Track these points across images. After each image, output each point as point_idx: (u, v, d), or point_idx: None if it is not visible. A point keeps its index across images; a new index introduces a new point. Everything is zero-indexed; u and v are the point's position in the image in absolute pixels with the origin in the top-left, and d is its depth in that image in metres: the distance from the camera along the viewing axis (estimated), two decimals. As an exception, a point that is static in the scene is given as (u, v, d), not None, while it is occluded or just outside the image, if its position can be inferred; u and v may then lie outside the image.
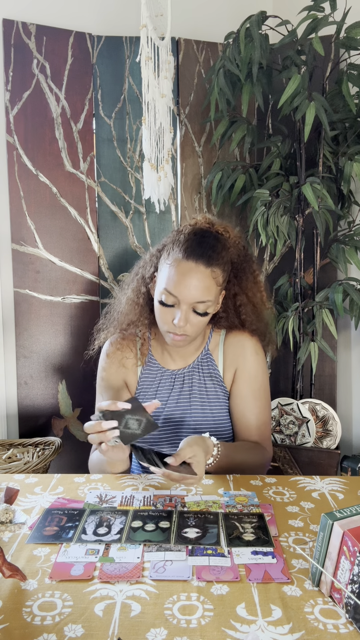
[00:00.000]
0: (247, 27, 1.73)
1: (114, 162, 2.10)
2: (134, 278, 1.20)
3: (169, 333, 1.08)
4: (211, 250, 1.05)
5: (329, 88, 1.88)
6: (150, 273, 1.15)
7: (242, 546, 0.77)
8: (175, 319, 1.05)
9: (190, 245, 1.05)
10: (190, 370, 1.19)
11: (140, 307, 1.17)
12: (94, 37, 2.04)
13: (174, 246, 1.08)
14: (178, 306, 1.05)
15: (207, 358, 1.20)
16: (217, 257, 1.06)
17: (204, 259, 1.04)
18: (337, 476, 1.04)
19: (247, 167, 2.01)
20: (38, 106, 2.00)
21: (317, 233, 1.89)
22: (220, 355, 1.20)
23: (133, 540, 0.79)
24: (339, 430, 1.79)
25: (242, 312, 1.19)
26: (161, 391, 1.19)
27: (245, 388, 1.17)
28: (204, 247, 1.05)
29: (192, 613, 0.63)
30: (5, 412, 2.08)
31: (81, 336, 2.11)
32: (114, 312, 1.23)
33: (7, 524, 0.76)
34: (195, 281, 1.03)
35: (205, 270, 1.03)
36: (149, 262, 1.17)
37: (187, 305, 1.04)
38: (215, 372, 1.19)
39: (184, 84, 2.11)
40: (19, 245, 2.02)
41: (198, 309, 1.05)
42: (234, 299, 1.19)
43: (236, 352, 1.18)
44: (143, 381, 1.20)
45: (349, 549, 0.62)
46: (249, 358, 1.18)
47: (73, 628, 0.61)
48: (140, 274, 1.18)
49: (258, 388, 1.18)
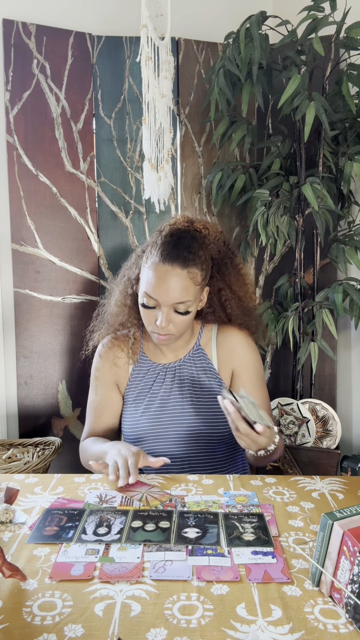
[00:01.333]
0: (247, 27, 1.73)
1: (114, 162, 2.10)
2: (121, 280, 1.24)
3: (153, 333, 1.13)
4: (187, 252, 1.08)
5: (329, 88, 1.88)
6: (135, 275, 1.19)
7: (242, 546, 0.77)
8: (158, 320, 1.08)
9: (166, 248, 1.08)
10: (180, 364, 1.22)
11: (128, 308, 1.21)
12: (94, 37, 2.04)
13: (152, 249, 1.11)
14: (159, 308, 1.09)
15: (200, 353, 1.23)
16: (193, 258, 1.08)
17: (180, 260, 1.07)
18: (337, 476, 1.04)
19: (247, 167, 2.01)
20: (38, 106, 2.00)
21: (317, 233, 1.89)
22: (213, 351, 1.23)
23: (133, 540, 0.79)
24: (339, 430, 1.79)
25: (228, 307, 1.22)
26: (152, 385, 1.22)
27: (247, 383, 1.20)
28: (179, 249, 1.08)
29: (192, 613, 0.63)
30: (5, 412, 2.08)
31: (81, 336, 2.10)
32: (105, 314, 1.27)
33: (7, 524, 0.76)
34: (173, 284, 1.06)
35: (181, 272, 1.06)
36: (134, 264, 1.21)
37: (167, 307, 1.08)
38: (209, 366, 1.22)
39: (184, 84, 2.11)
40: (19, 245, 2.02)
41: (179, 309, 1.08)
42: (218, 294, 1.22)
43: (231, 349, 1.22)
44: (134, 377, 1.24)
45: (349, 549, 0.62)
46: (243, 352, 1.21)
47: (73, 628, 0.61)
48: (126, 276, 1.22)
49: (257, 379, 1.22)
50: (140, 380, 1.23)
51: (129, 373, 1.24)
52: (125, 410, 1.24)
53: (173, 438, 1.18)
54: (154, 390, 1.21)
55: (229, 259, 1.20)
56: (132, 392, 1.23)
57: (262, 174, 1.95)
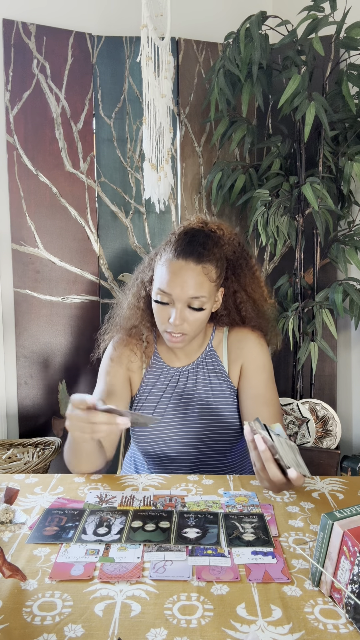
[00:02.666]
0: (247, 27, 1.73)
1: (114, 162, 2.10)
2: (134, 283, 1.22)
3: (166, 333, 1.09)
4: (201, 247, 1.07)
5: (329, 88, 1.88)
6: (149, 277, 1.17)
7: (242, 546, 0.77)
8: (171, 318, 1.06)
9: (180, 244, 1.07)
10: (194, 367, 1.20)
11: (141, 311, 1.18)
12: (94, 37, 2.04)
13: (165, 247, 1.10)
14: (173, 305, 1.06)
15: (212, 354, 1.21)
16: (207, 254, 1.07)
17: (194, 256, 1.05)
18: (337, 476, 1.04)
19: (247, 167, 2.01)
20: (38, 106, 2.00)
21: (317, 233, 1.89)
22: (224, 351, 1.21)
23: (133, 540, 0.79)
24: (339, 430, 1.79)
25: (243, 309, 1.20)
26: (165, 388, 1.19)
27: (254, 379, 1.17)
28: (193, 245, 1.07)
29: (192, 613, 0.63)
30: (5, 412, 2.08)
31: (81, 336, 2.11)
32: (117, 317, 1.24)
33: (7, 524, 0.76)
34: (187, 278, 1.04)
35: (195, 267, 1.05)
36: (147, 266, 1.19)
37: (181, 303, 1.05)
38: (220, 368, 1.20)
39: (184, 84, 2.11)
40: (19, 245, 2.02)
41: (193, 304, 1.06)
42: (233, 296, 1.20)
43: (240, 347, 1.19)
44: (147, 380, 1.21)
45: (349, 549, 0.62)
46: (254, 350, 1.19)
47: (73, 628, 0.60)
48: (139, 279, 1.20)
49: (267, 378, 1.18)
50: (153, 383, 1.20)
51: (142, 376, 1.21)
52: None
53: (184, 442, 1.17)
54: (166, 394, 1.19)
55: (244, 260, 1.19)
56: (144, 395, 1.20)
57: (262, 174, 1.95)
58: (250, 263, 1.20)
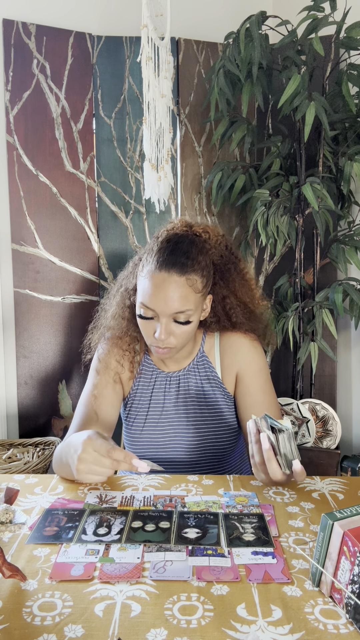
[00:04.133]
0: (247, 27, 1.73)
1: (114, 162, 2.10)
2: (117, 291, 1.16)
3: (152, 346, 1.05)
4: (184, 257, 1.00)
5: (329, 88, 1.88)
6: (132, 285, 1.12)
7: (242, 546, 0.77)
8: (156, 333, 1.01)
9: (163, 254, 1.00)
10: (185, 373, 1.17)
11: (127, 321, 1.14)
12: (94, 37, 2.04)
13: (147, 256, 1.04)
14: (157, 319, 1.01)
15: (203, 360, 1.17)
16: (191, 264, 1.00)
17: (177, 267, 0.99)
18: (337, 476, 1.04)
19: (247, 167, 2.01)
20: (38, 106, 2.00)
21: (317, 233, 1.89)
22: (217, 356, 1.17)
23: (133, 541, 0.79)
24: (339, 430, 1.79)
25: (233, 315, 1.14)
26: (156, 394, 1.17)
27: (252, 385, 1.14)
28: (176, 255, 1.00)
29: (192, 613, 0.63)
30: (5, 412, 2.08)
31: (81, 336, 2.10)
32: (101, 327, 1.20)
33: (7, 524, 0.76)
34: (171, 292, 0.98)
35: (179, 279, 0.99)
36: (131, 273, 1.14)
37: (166, 318, 1.00)
38: (212, 375, 1.16)
39: (184, 84, 2.11)
40: (19, 245, 2.02)
41: (179, 318, 1.00)
42: (222, 302, 1.14)
43: (234, 353, 1.15)
44: (139, 385, 1.18)
45: (349, 549, 0.62)
46: (249, 355, 1.15)
47: (73, 628, 0.60)
48: (123, 287, 1.15)
49: (264, 382, 1.15)
50: (145, 388, 1.18)
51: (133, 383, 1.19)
52: (127, 418, 1.19)
53: (177, 449, 1.15)
54: (157, 400, 1.16)
55: (232, 264, 1.13)
56: (136, 400, 1.18)
57: (262, 174, 1.95)
58: (239, 266, 1.15)
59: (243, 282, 1.15)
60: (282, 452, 0.81)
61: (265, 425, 0.83)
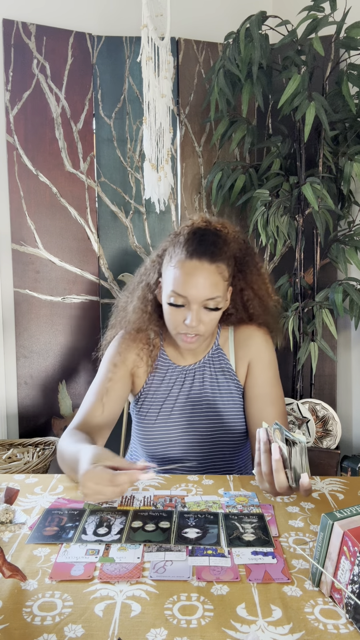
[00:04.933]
0: (247, 27, 1.73)
1: (114, 162, 2.10)
2: (138, 286, 1.19)
3: (180, 335, 1.08)
4: (213, 247, 1.05)
5: (329, 88, 1.88)
6: (154, 279, 1.15)
7: (242, 546, 0.77)
8: (187, 320, 1.04)
9: (192, 244, 1.05)
10: (201, 365, 1.19)
11: (148, 314, 1.16)
12: (94, 37, 2.04)
13: (175, 248, 1.07)
14: (188, 306, 1.04)
15: (218, 353, 1.20)
16: (219, 253, 1.05)
17: (207, 255, 1.04)
18: (337, 476, 1.04)
19: (247, 167, 2.01)
20: (38, 106, 2.00)
21: (317, 233, 1.89)
22: (231, 349, 1.20)
23: (133, 541, 0.79)
24: (339, 430, 1.79)
25: (250, 307, 1.19)
26: (171, 388, 1.18)
27: (260, 377, 1.17)
28: (205, 245, 1.05)
29: (192, 613, 0.63)
30: (5, 412, 2.08)
31: (81, 336, 2.11)
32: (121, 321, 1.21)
33: (7, 524, 0.76)
34: (202, 279, 1.03)
35: (210, 266, 1.03)
36: (151, 269, 1.17)
37: (197, 305, 1.04)
38: (227, 367, 1.19)
39: (184, 84, 2.11)
40: (19, 245, 2.02)
41: (209, 305, 1.05)
42: (240, 294, 1.19)
43: (248, 345, 1.19)
44: (153, 380, 1.19)
45: (349, 549, 0.62)
46: (261, 347, 1.18)
47: (73, 628, 0.60)
48: (144, 282, 1.18)
49: (272, 376, 1.18)
50: (159, 383, 1.19)
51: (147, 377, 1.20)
52: (139, 412, 1.19)
53: (188, 444, 1.16)
54: (172, 394, 1.17)
55: (249, 257, 1.18)
56: (150, 394, 1.19)
57: (262, 174, 1.95)
58: (255, 260, 1.19)
59: (259, 276, 1.20)
60: (292, 466, 0.80)
61: (279, 436, 0.82)
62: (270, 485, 0.83)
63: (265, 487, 0.85)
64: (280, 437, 0.82)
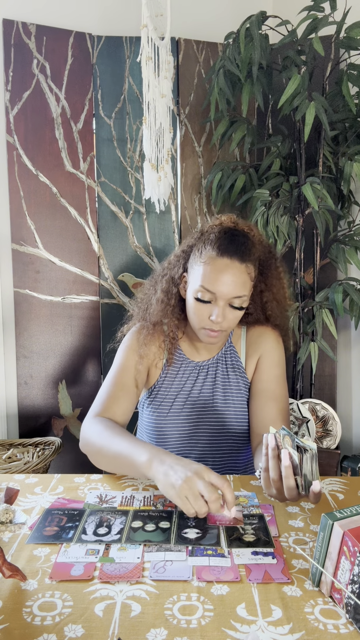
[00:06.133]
0: (247, 27, 1.73)
1: (114, 162, 2.10)
2: (161, 279, 1.21)
3: (203, 329, 1.10)
4: (243, 247, 1.08)
5: (329, 88, 1.88)
6: (179, 274, 1.17)
7: (242, 547, 0.77)
8: (213, 315, 1.07)
9: (223, 242, 1.07)
10: (214, 361, 1.21)
11: (171, 307, 1.18)
12: (94, 37, 2.04)
13: (205, 245, 1.10)
14: (215, 302, 1.07)
15: (231, 350, 1.23)
16: (249, 254, 1.08)
17: (238, 255, 1.06)
18: (337, 476, 1.04)
19: (247, 167, 2.01)
20: (38, 106, 2.00)
21: (317, 233, 1.89)
22: (242, 346, 1.23)
23: (133, 541, 0.79)
24: (339, 430, 1.79)
25: (268, 308, 1.22)
26: (184, 382, 1.20)
27: (267, 374, 1.19)
28: (236, 244, 1.07)
29: (192, 613, 0.63)
30: (5, 412, 2.08)
31: (81, 336, 2.11)
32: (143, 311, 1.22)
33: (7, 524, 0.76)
34: (232, 277, 1.05)
35: (240, 265, 1.06)
36: (176, 264, 1.19)
37: (224, 301, 1.06)
38: (237, 364, 1.21)
39: (184, 84, 2.11)
40: (19, 245, 2.02)
41: (234, 303, 1.07)
42: (260, 295, 1.22)
43: (259, 342, 1.22)
44: (167, 374, 1.21)
45: (349, 549, 0.62)
46: (271, 345, 1.21)
47: (73, 628, 0.60)
48: (168, 275, 1.20)
49: (279, 375, 1.20)
50: (173, 377, 1.21)
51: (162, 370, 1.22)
52: (151, 405, 1.20)
53: (198, 439, 1.17)
54: (185, 389, 1.20)
55: (272, 261, 1.20)
56: (163, 388, 1.20)
57: (262, 174, 1.95)
58: (276, 264, 1.22)
59: (278, 279, 1.22)
60: (303, 473, 0.78)
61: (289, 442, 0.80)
62: (277, 492, 0.82)
63: (272, 492, 0.84)
64: (291, 443, 0.81)
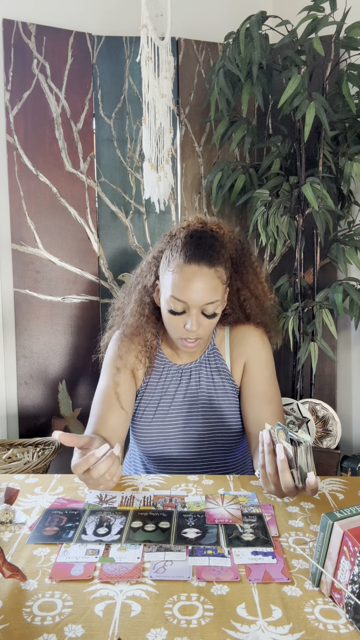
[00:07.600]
0: (247, 27, 1.73)
1: (114, 162, 2.10)
2: (134, 288, 1.19)
3: (180, 339, 1.08)
4: (211, 250, 1.05)
5: (329, 88, 1.88)
6: (151, 282, 1.15)
7: (242, 546, 0.77)
8: (187, 325, 1.04)
9: (189, 248, 1.04)
10: (197, 364, 1.19)
11: (145, 317, 1.16)
12: (94, 37, 2.04)
13: (172, 252, 1.07)
14: (187, 311, 1.04)
15: (214, 353, 1.20)
16: (217, 256, 1.05)
17: (206, 259, 1.03)
18: (337, 476, 1.04)
19: (247, 167, 2.01)
20: (38, 106, 2.00)
21: (317, 233, 1.89)
22: (227, 349, 1.20)
23: (133, 541, 0.79)
24: (339, 430, 1.79)
25: (247, 307, 1.19)
26: (168, 386, 1.18)
27: (257, 376, 1.17)
28: (203, 248, 1.04)
29: (192, 613, 0.63)
30: (5, 412, 2.08)
31: (81, 336, 2.11)
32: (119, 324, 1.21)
33: (7, 524, 0.76)
34: (202, 283, 1.02)
35: (209, 270, 1.03)
36: (147, 271, 1.16)
37: (196, 309, 1.04)
38: (223, 367, 1.19)
39: (184, 84, 2.11)
40: (19, 245, 2.02)
41: (207, 310, 1.05)
42: (237, 294, 1.19)
43: (243, 344, 1.19)
44: (150, 379, 1.20)
45: (349, 549, 0.62)
46: (257, 347, 1.18)
47: (73, 628, 0.60)
48: (141, 284, 1.17)
49: (269, 375, 1.18)
50: (156, 381, 1.19)
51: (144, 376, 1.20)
52: (136, 411, 1.19)
53: (185, 443, 1.16)
54: (169, 392, 1.18)
55: (245, 257, 1.18)
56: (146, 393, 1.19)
57: (262, 174, 1.95)
58: (251, 260, 1.19)
59: (255, 275, 1.20)
60: (298, 465, 0.79)
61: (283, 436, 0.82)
62: (275, 487, 0.83)
63: (271, 489, 0.84)
64: (285, 437, 0.82)
